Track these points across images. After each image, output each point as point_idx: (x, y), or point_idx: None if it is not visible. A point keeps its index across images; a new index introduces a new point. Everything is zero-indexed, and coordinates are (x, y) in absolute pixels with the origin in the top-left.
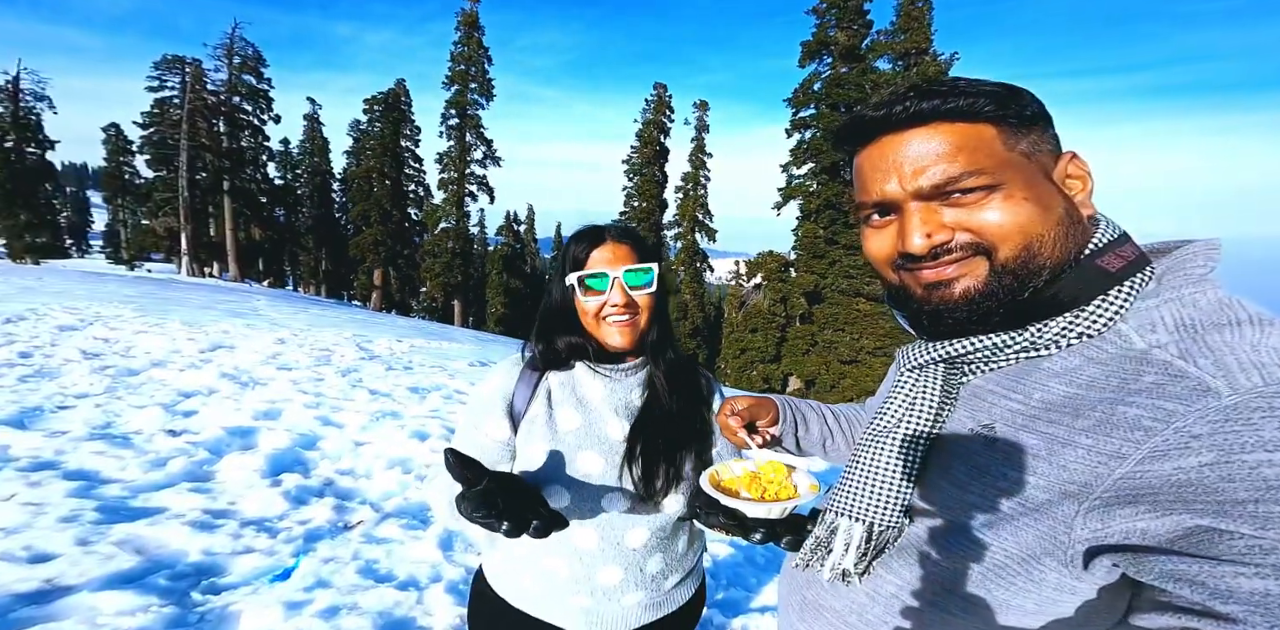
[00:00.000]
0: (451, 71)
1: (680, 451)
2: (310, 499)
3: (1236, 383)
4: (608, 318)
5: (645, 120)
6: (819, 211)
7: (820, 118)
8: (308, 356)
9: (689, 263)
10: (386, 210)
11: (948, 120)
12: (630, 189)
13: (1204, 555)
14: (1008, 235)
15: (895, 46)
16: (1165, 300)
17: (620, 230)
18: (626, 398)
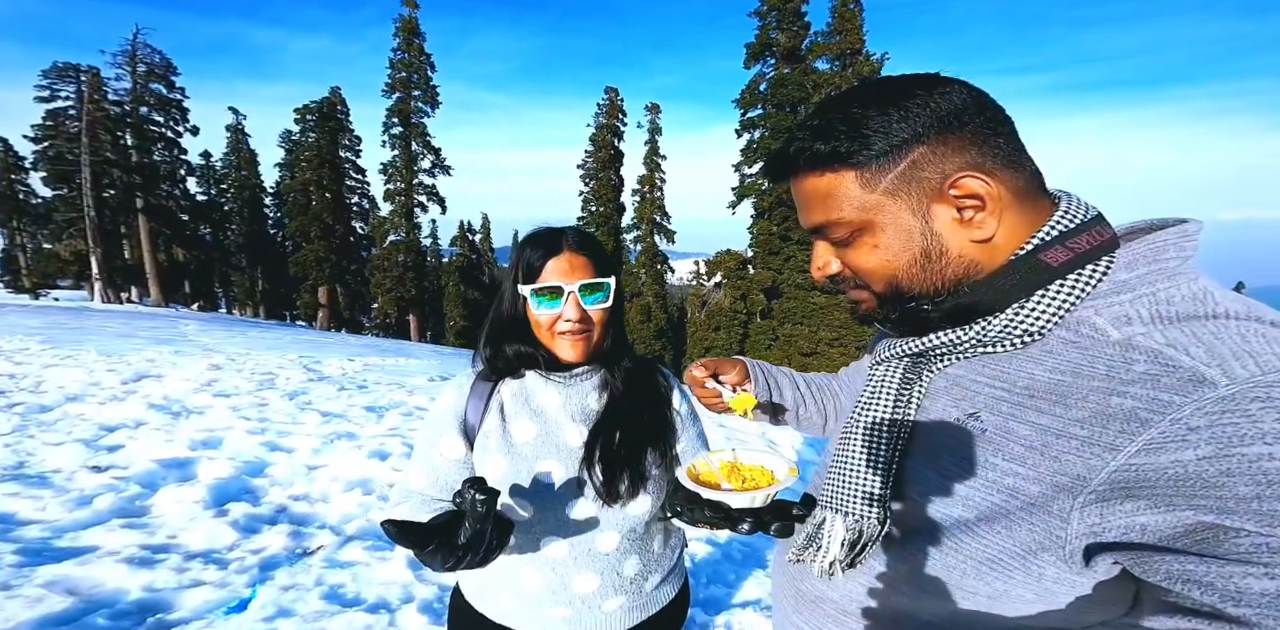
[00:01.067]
0: (392, 79)
1: (642, 452)
2: (261, 527)
3: (1233, 372)
4: (561, 332)
5: (598, 124)
6: (771, 209)
7: (768, 118)
8: (248, 381)
9: (650, 265)
10: (328, 224)
11: (814, 169)
12: (587, 194)
13: (1210, 554)
14: (871, 276)
15: (832, 47)
16: (1139, 296)
17: (579, 238)
18: (583, 403)
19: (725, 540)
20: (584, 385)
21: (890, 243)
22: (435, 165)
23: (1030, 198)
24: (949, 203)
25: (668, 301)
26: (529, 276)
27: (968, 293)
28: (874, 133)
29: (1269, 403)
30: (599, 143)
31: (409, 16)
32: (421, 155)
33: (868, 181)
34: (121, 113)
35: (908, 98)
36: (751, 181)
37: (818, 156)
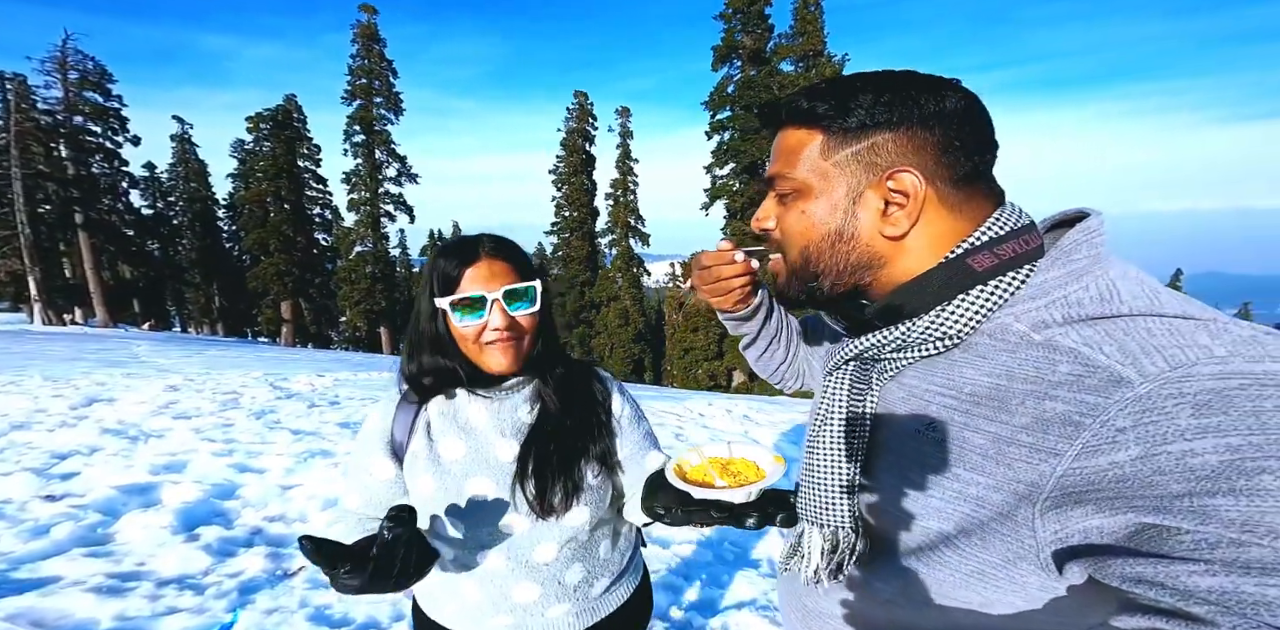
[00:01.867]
0: (351, 86)
1: (577, 463)
2: (237, 550)
3: (1144, 369)
4: (490, 342)
5: (569, 129)
6: (744, 210)
7: (736, 119)
8: (210, 402)
9: (625, 269)
10: (289, 237)
11: (792, 123)
12: (559, 199)
13: (1157, 554)
14: (791, 241)
15: (795, 49)
16: (1052, 300)
17: (496, 244)
18: (513, 417)
19: (717, 541)
20: (514, 398)
21: (816, 211)
22: (401, 173)
23: (964, 208)
24: (881, 193)
25: (645, 304)
26: (446, 288)
27: (898, 293)
28: (856, 108)
29: (1182, 399)
30: (570, 147)
31: (368, 22)
32: (386, 163)
33: (829, 149)
34: (53, 122)
35: (904, 89)
36: (723, 183)
37: (798, 111)
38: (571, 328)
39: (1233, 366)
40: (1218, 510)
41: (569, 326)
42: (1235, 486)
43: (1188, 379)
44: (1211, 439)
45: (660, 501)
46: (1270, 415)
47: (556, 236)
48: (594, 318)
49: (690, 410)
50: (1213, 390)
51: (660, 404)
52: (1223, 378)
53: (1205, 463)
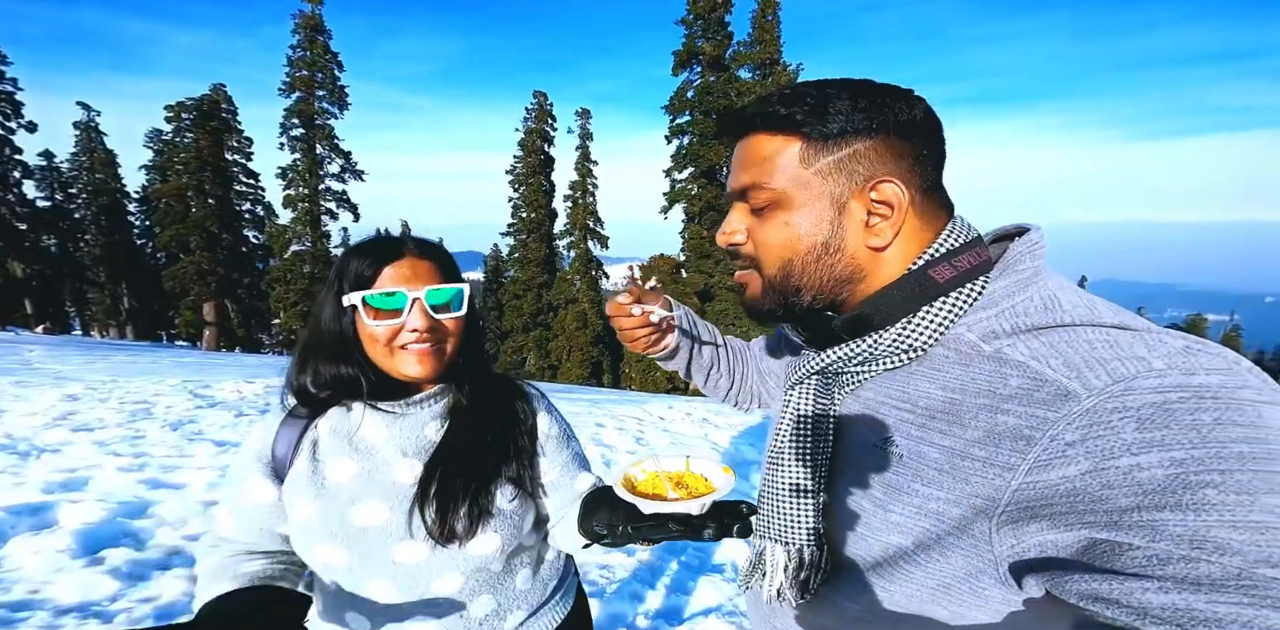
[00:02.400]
0: (291, 78)
1: (487, 486)
2: (151, 573)
3: (1089, 383)
4: (406, 345)
5: (527, 129)
6: (702, 214)
7: (695, 124)
8: (116, 412)
9: (584, 271)
10: (213, 234)
11: (767, 130)
12: (517, 200)
13: (1110, 570)
14: (770, 254)
15: (753, 57)
16: (1000, 310)
17: (421, 243)
18: (418, 434)
19: (680, 547)
20: (422, 414)
21: (801, 223)
22: (345, 169)
23: (929, 220)
24: (864, 203)
25: (604, 307)
26: (358, 286)
27: (866, 303)
28: (835, 113)
29: (1126, 413)
30: (528, 148)
31: (311, 13)
32: (328, 159)
33: (808, 157)
34: None
35: (878, 96)
36: (682, 187)
37: (773, 117)
38: (528, 330)
39: (1170, 379)
40: (1166, 525)
41: (525, 329)
42: (1181, 501)
43: (1129, 393)
44: (1156, 453)
45: (603, 520)
46: (1209, 428)
47: (513, 238)
48: (551, 320)
49: (650, 413)
50: (1154, 404)
51: (622, 408)
52: (1162, 391)
53: (1152, 477)
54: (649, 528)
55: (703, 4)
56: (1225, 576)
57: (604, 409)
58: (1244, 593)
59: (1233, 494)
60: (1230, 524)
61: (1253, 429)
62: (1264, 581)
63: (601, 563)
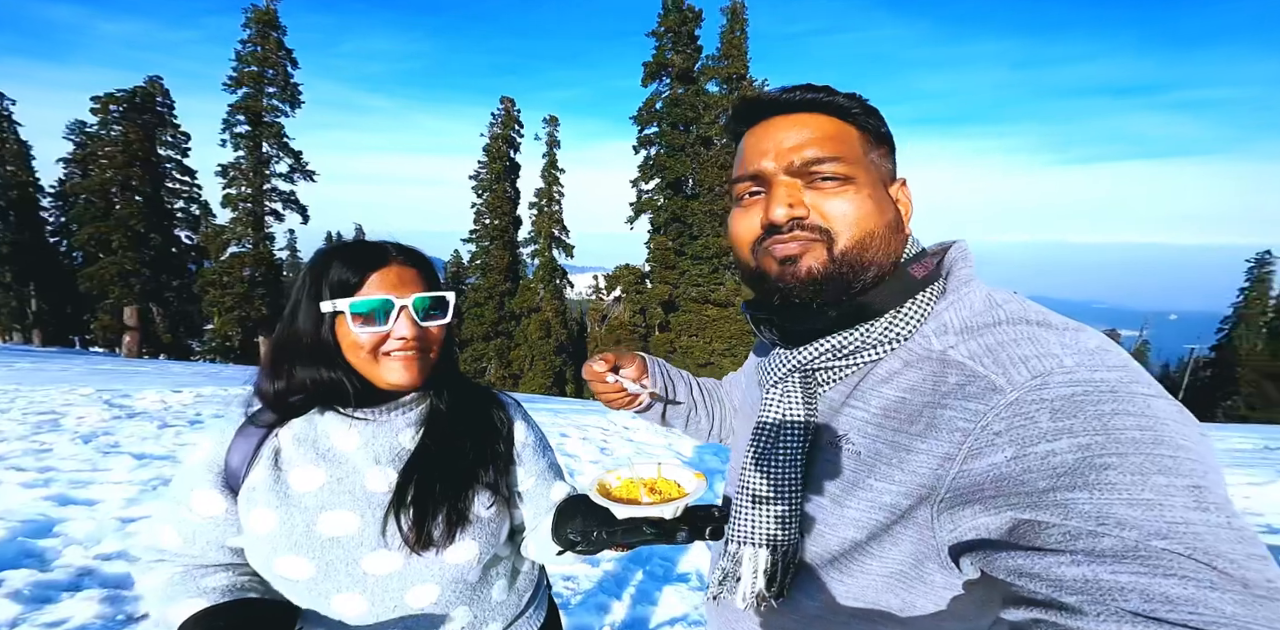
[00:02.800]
0: (239, 73)
1: (464, 492)
2: (59, 596)
3: (1013, 378)
4: (390, 352)
5: (493, 135)
6: (667, 224)
7: (663, 135)
8: (18, 424)
9: (548, 280)
10: (139, 233)
11: (827, 113)
12: (480, 206)
13: (1032, 547)
14: (848, 226)
15: (721, 71)
16: (950, 303)
17: (407, 251)
18: (393, 442)
19: (646, 557)
20: (396, 422)
21: (875, 198)
22: (295, 169)
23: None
24: (894, 197)
25: (567, 316)
26: (343, 292)
27: (871, 294)
28: (874, 115)
29: (1042, 403)
30: (493, 153)
31: (266, 8)
32: (276, 158)
33: (865, 146)
34: None
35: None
36: (649, 197)
37: (837, 106)
38: (489, 339)
39: (1079, 375)
40: (1076, 503)
41: (486, 337)
42: (1088, 481)
43: (1045, 386)
44: (1066, 440)
45: (578, 527)
46: (1109, 417)
47: (475, 244)
48: (513, 329)
49: (615, 423)
50: (1064, 397)
51: (586, 417)
52: (1071, 385)
53: (1063, 461)
54: (624, 532)
55: (674, 18)
56: (1124, 548)
57: (567, 419)
58: (1140, 562)
59: (1129, 474)
60: (1127, 501)
61: (1143, 418)
62: (1155, 552)
63: (566, 573)
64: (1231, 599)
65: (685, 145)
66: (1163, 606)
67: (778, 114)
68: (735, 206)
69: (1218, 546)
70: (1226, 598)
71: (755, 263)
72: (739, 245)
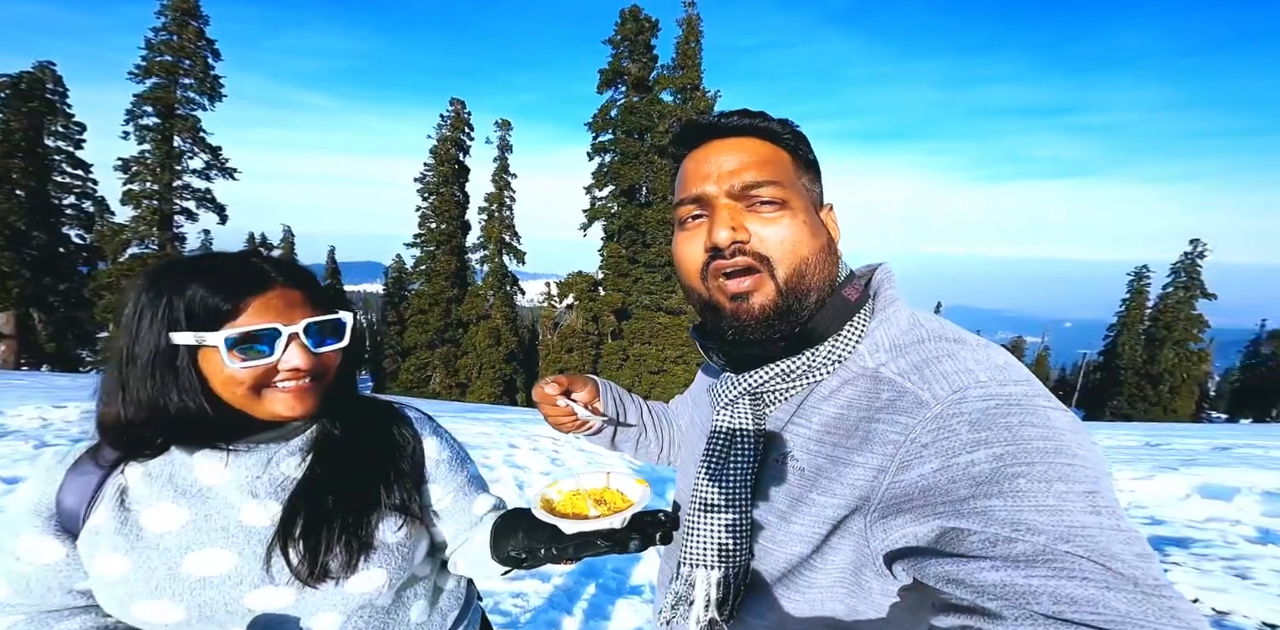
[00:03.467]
0: (149, 62)
1: (369, 518)
2: None
3: (936, 393)
4: (278, 384)
5: (441, 137)
6: (621, 232)
7: (618, 143)
8: None
9: (499, 286)
10: (20, 230)
11: (762, 137)
12: (425, 209)
13: (956, 553)
14: (786, 252)
15: (675, 81)
16: (879, 322)
17: (289, 269)
18: (273, 472)
19: (599, 569)
20: (276, 450)
21: (809, 223)
22: (212, 166)
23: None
24: (827, 221)
25: (518, 323)
26: (212, 320)
27: (814, 319)
28: (807, 144)
29: (962, 416)
30: (441, 156)
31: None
32: (190, 153)
33: (798, 171)
34: None
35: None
36: (603, 204)
37: (772, 132)
38: (434, 347)
39: (990, 390)
40: (993, 510)
41: (431, 345)
42: (1002, 489)
43: (963, 401)
44: (983, 450)
45: (520, 544)
46: (1018, 429)
47: (420, 249)
48: (460, 337)
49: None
50: (980, 410)
51: (536, 427)
52: (985, 399)
53: (981, 471)
54: (576, 546)
55: (630, 26)
56: (1035, 553)
57: (517, 429)
58: (1048, 566)
59: (1036, 482)
60: (1035, 507)
61: (1045, 429)
62: (1060, 555)
63: (515, 590)
64: (1125, 598)
65: (640, 153)
66: (1068, 607)
67: (717, 138)
68: (678, 230)
69: (1110, 548)
70: (1121, 596)
71: (707, 294)
72: (685, 271)
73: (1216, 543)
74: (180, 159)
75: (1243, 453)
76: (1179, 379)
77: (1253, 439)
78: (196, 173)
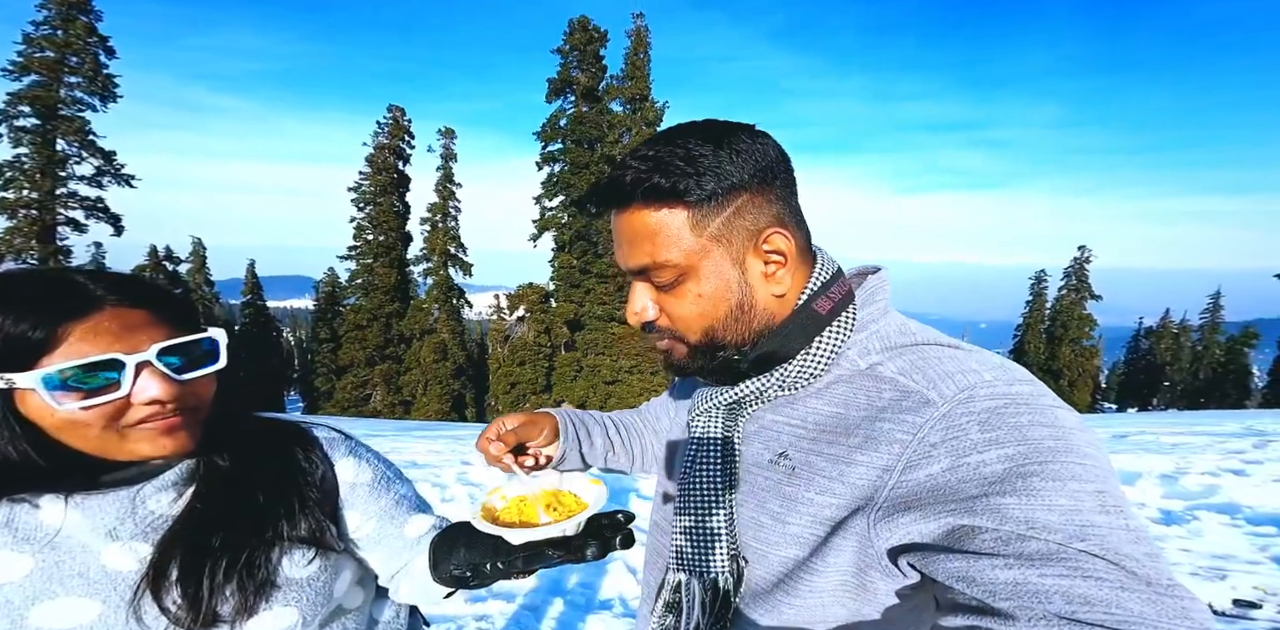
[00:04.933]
0: (26, 57)
1: (269, 554)
2: None
3: (943, 392)
4: (139, 422)
5: (378, 144)
6: (572, 242)
7: (567, 152)
8: None
9: (444, 299)
10: None
11: (649, 202)
12: (362, 220)
13: (968, 551)
14: (690, 326)
15: (625, 91)
16: (871, 332)
17: (125, 284)
18: (140, 511)
19: (564, 586)
20: (143, 488)
21: (711, 291)
22: (104, 172)
23: (806, 256)
24: (759, 256)
25: (466, 337)
26: (21, 358)
27: (767, 342)
28: (708, 172)
29: (971, 416)
30: (379, 164)
31: None
32: (76, 158)
33: (697, 223)
34: None
35: (737, 142)
36: (552, 215)
37: (656, 190)
38: (373, 364)
39: (998, 389)
40: (1007, 508)
41: (370, 362)
42: (1016, 488)
43: (971, 400)
44: (995, 450)
45: (462, 561)
46: (1028, 428)
47: (356, 262)
48: (403, 353)
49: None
50: (989, 409)
51: None
52: (993, 398)
53: (994, 471)
54: (526, 559)
55: (579, 36)
56: (1050, 552)
57: (469, 445)
58: (1063, 565)
59: (1050, 481)
60: (1047, 506)
61: (1054, 428)
62: (1075, 555)
63: (479, 613)
64: (1139, 598)
65: (590, 163)
66: (1083, 608)
67: (610, 206)
68: None
69: (1123, 547)
70: (1136, 597)
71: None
72: None
73: None
74: (64, 164)
75: (1137, 439)
76: (1075, 373)
77: (1144, 426)
78: (85, 179)
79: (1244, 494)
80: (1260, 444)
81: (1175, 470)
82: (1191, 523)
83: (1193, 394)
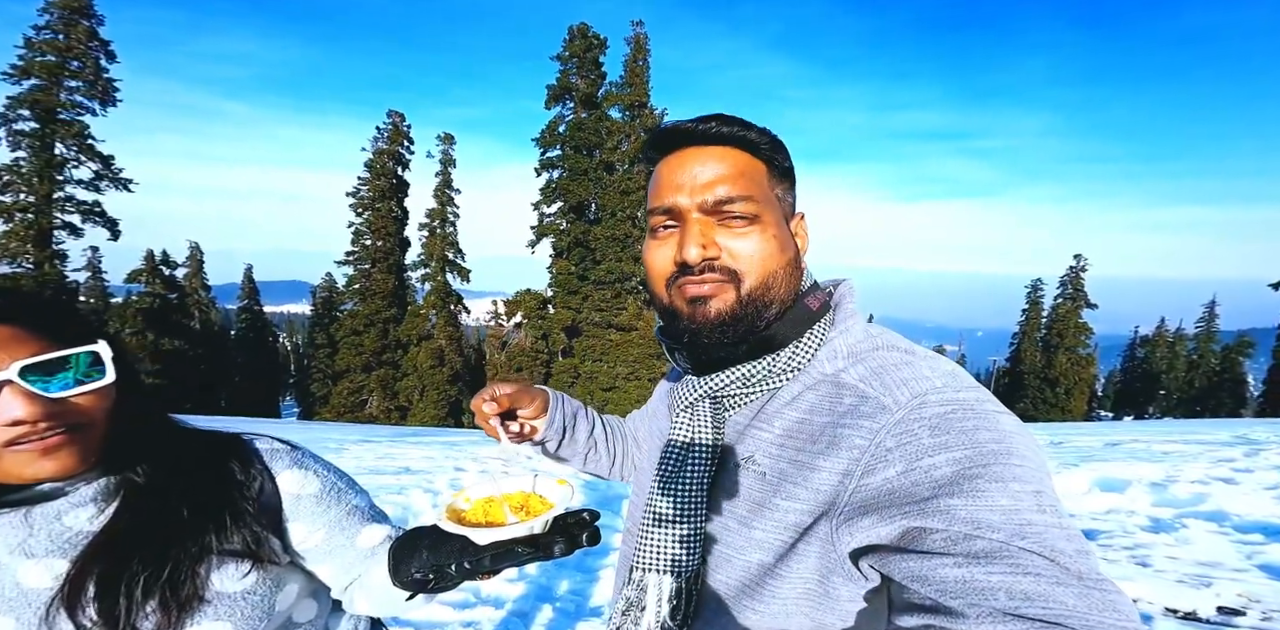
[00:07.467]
0: (27, 61)
1: (197, 568)
2: None
3: (897, 399)
4: (13, 443)
5: (377, 150)
6: (570, 249)
7: (566, 159)
8: None
9: (442, 305)
10: None
11: (739, 147)
12: (360, 226)
13: (921, 550)
14: (754, 267)
15: (624, 98)
16: (839, 332)
17: None
18: (55, 527)
19: (552, 592)
20: (56, 505)
21: (779, 237)
22: (102, 176)
23: None
24: (796, 231)
25: (463, 343)
26: None
27: (779, 324)
28: (782, 150)
29: (923, 421)
30: (378, 170)
31: None
32: (75, 162)
33: (773, 181)
34: None
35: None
36: (551, 221)
37: (749, 141)
38: (370, 370)
39: (946, 395)
40: (954, 509)
41: (367, 368)
42: (963, 489)
43: (923, 406)
44: (944, 454)
45: (425, 563)
46: (973, 433)
47: (353, 267)
48: (400, 358)
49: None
50: (939, 415)
51: (485, 448)
52: (942, 404)
53: (943, 473)
54: (493, 557)
55: (579, 43)
56: (993, 550)
57: (464, 451)
58: (1005, 562)
59: (994, 482)
60: (990, 507)
61: (997, 432)
62: (1016, 552)
63: (467, 619)
64: (1072, 592)
65: (588, 169)
66: (1024, 603)
67: (692, 145)
68: (650, 237)
69: (1057, 544)
70: (1069, 591)
71: (669, 299)
72: (654, 279)
73: (1118, 533)
74: (62, 168)
75: (1129, 447)
76: (1071, 381)
77: (1137, 434)
78: (83, 183)
79: (1233, 502)
80: (1250, 453)
81: (1165, 478)
82: (1180, 530)
83: (1188, 402)
